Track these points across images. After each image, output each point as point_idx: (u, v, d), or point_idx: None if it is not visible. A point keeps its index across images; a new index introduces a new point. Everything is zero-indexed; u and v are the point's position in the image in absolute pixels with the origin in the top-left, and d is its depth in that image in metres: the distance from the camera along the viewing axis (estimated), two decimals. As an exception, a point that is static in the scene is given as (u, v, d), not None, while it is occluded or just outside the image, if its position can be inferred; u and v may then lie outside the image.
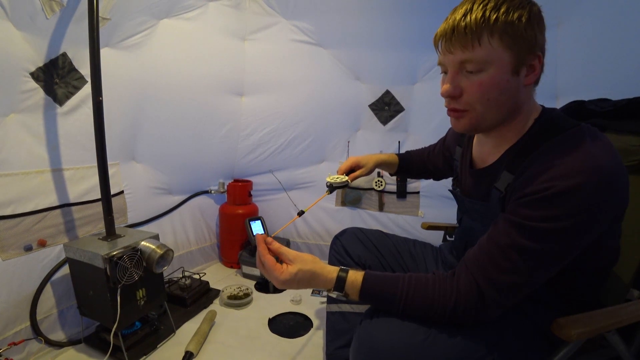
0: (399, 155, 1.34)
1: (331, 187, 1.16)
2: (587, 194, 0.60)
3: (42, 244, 1.31)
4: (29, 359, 1.27)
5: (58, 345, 1.35)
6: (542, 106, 0.78)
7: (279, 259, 0.79)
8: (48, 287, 1.33)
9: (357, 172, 1.24)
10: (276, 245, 0.80)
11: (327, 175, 1.19)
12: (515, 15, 0.65)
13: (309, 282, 0.76)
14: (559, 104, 1.50)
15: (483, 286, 0.67)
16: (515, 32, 0.66)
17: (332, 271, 0.77)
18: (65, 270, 1.37)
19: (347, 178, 1.19)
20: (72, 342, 1.39)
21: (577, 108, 1.09)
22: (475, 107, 0.72)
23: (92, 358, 1.34)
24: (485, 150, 0.87)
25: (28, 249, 1.27)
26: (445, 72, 0.76)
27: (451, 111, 0.76)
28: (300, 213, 1.13)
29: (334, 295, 0.77)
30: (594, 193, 0.61)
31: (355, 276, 0.75)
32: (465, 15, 0.67)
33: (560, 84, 1.63)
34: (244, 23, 2.04)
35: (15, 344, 1.20)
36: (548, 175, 0.63)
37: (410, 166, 1.34)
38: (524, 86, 0.71)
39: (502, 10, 0.65)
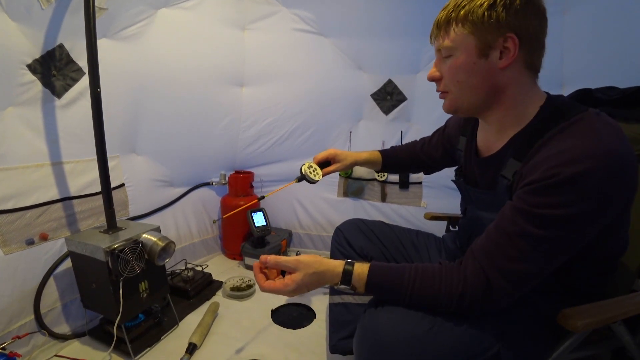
0: (382, 152, 1.32)
1: (300, 178, 1.17)
2: (597, 179, 0.59)
3: (44, 238, 1.31)
4: (33, 352, 1.27)
5: (62, 338, 1.36)
6: (547, 93, 0.77)
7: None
8: (51, 281, 1.33)
9: (332, 167, 1.24)
10: (272, 261, 0.79)
11: (306, 162, 1.20)
12: (479, 2, 0.70)
13: (318, 281, 0.76)
14: (564, 92, 1.47)
15: (491, 275, 0.67)
16: (474, 18, 0.70)
17: (338, 265, 0.76)
18: (68, 263, 1.37)
19: (319, 177, 1.19)
20: (76, 335, 1.40)
21: (584, 96, 1.07)
22: (451, 89, 0.80)
23: (96, 350, 1.35)
24: (490, 138, 0.86)
25: (30, 243, 1.27)
26: None
27: (439, 93, 0.85)
28: (260, 198, 1.25)
29: (340, 288, 0.76)
30: (604, 178, 0.59)
31: (362, 268, 0.75)
32: (442, 10, 0.76)
33: (566, 72, 1.61)
34: (243, 12, 2.01)
35: (19, 337, 1.20)
36: (556, 161, 0.62)
37: (396, 161, 1.32)
38: (500, 69, 0.72)
39: None
